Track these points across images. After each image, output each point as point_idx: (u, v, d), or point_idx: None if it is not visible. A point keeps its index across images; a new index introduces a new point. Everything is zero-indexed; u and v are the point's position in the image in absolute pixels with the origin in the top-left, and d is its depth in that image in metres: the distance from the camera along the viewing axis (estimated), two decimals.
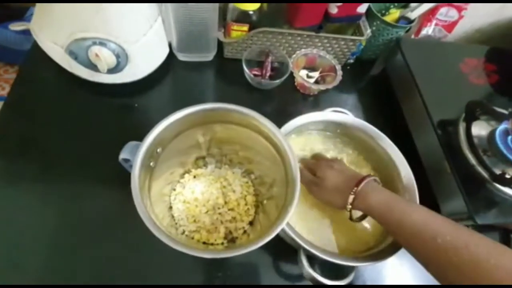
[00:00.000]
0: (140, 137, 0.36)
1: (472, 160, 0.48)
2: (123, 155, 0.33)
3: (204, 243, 0.41)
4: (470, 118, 0.51)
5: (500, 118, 0.51)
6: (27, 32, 1.34)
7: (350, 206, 0.39)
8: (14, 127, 0.51)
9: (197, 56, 0.62)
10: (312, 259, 0.39)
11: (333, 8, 0.56)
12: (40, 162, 0.48)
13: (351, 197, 0.38)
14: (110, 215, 0.45)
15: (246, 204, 0.44)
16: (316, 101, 0.63)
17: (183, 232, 0.42)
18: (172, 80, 0.61)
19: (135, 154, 0.31)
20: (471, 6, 0.65)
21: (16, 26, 0.65)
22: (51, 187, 0.46)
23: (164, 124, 0.33)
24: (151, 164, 0.35)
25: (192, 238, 0.41)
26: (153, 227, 0.28)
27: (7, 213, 0.44)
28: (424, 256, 0.33)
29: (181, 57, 0.62)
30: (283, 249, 0.44)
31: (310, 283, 0.43)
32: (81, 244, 0.43)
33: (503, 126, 0.50)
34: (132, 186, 0.30)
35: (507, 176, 0.45)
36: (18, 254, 0.41)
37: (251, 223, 0.44)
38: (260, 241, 0.29)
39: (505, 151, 0.48)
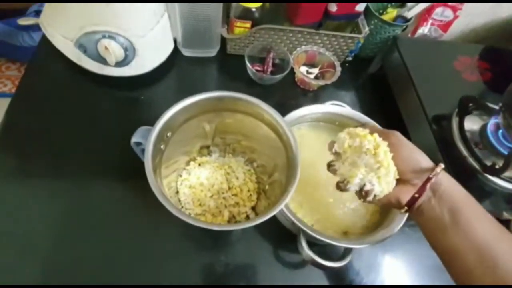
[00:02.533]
0: None
1: (464, 152, 0.50)
2: (135, 138, 0.35)
3: None
4: (463, 113, 0.54)
5: (491, 112, 0.53)
6: (30, 29, 1.35)
7: (440, 168, 0.32)
8: (24, 119, 0.53)
9: (201, 52, 0.64)
10: (311, 244, 0.41)
11: (333, 6, 0.58)
12: (48, 153, 0.50)
13: (439, 167, 0.32)
14: (118, 203, 0.47)
15: (248, 191, 0.47)
16: (315, 96, 0.65)
17: (189, 215, 0.43)
18: (176, 75, 0.63)
19: (149, 135, 0.33)
20: (466, 6, 0.67)
21: (25, 21, 0.67)
22: (60, 178, 0.48)
23: (176, 109, 0.35)
24: (162, 147, 0.37)
25: None
26: (165, 201, 0.30)
27: (17, 203, 0.45)
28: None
29: (186, 52, 0.64)
30: (283, 236, 0.46)
31: (308, 276, 0.45)
32: (90, 232, 0.44)
33: (494, 120, 0.52)
34: (146, 162, 0.32)
35: (497, 167, 0.47)
36: (27, 243, 0.43)
37: (253, 209, 0.46)
38: (263, 217, 0.31)
39: (495, 144, 0.50)
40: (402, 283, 0.49)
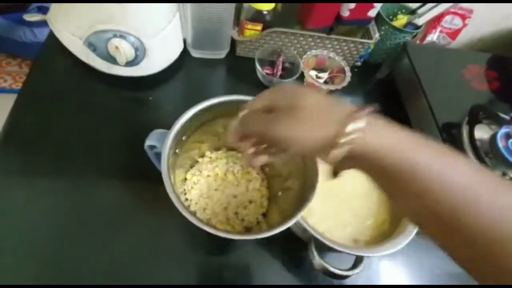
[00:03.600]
0: (155, 129, 0.37)
1: (475, 161, 0.50)
2: (149, 141, 0.34)
3: None
4: (473, 122, 0.53)
5: (501, 122, 0.53)
6: (32, 24, 1.33)
7: (345, 138, 0.23)
8: (29, 117, 0.52)
9: (210, 54, 0.63)
10: (322, 252, 0.41)
11: (345, 11, 0.58)
12: (54, 152, 0.49)
13: (349, 126, 0.23)
14: (124, 204, 0.46)
15: (261, 197, 0.46)
16: None
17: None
18: (185, 76, 0.62)
19: (165, 139, 0.32)
20: (475, 14, 0.67)
21: (31, 17, 0.66)
22: (65, 177, 0.47)
23: (193, 111, 0.35)
24: (177, 151, 0.36)
25: None
26: (181, 207, 0.30)
27: (21, 201, 0.44)
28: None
29: (195, 53, 0.63)
30: (291, 242, 0.45)
31: (314, 282, 0.45)
32: (93, 233, 0.44)
33: (504, 130, 0.52)
34: (163, 168, 0.31)
35: (507, 177, 0.47)
36: (31, 243, 0.42)
37: (264, 215, 0.46)
38: (278, 228, 0.31)
39: (505, 154, 0.50)
40: None
